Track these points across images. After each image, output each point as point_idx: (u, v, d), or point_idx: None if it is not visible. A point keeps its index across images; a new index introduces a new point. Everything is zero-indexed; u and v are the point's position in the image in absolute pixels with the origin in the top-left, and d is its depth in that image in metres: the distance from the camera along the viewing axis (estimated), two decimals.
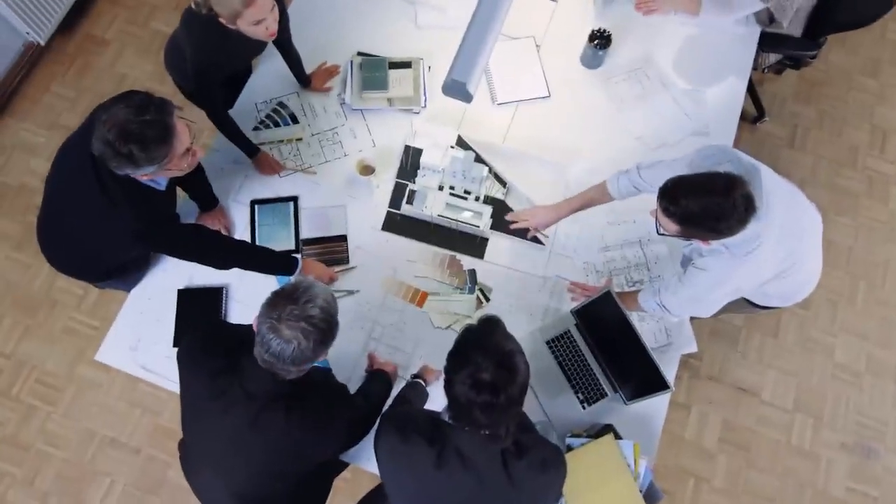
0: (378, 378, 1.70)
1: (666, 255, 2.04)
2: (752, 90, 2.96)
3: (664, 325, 1.96)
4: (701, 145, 1.67)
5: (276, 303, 1.19)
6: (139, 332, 1.91)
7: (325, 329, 1.19)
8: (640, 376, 1.79)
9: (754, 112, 3.05)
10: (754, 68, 2.64)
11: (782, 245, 1.55)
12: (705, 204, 1.35)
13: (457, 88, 1.28)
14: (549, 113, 2.21)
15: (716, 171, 1.41)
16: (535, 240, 2.03)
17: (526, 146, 2.13)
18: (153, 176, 1.40)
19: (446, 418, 1.23)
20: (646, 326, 1.96)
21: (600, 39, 2.18)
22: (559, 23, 2.34)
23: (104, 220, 1.42)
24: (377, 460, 1.29)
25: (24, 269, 2.67)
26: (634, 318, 1.93)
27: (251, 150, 2.04)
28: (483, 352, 1.15)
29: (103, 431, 2.50)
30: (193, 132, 1.43)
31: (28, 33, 2.88)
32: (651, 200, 1.53)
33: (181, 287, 1.94)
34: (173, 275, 1.95)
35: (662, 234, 1.50)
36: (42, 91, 2.99)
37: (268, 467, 1.29)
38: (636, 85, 2.26)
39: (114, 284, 1.90)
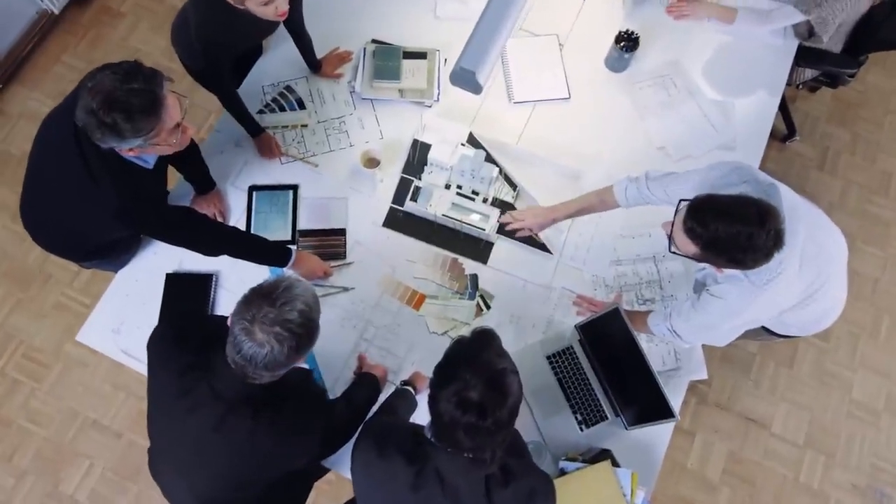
0: (365, 382, 1.61)
1: (681, 274, 1.92)
2: (784, 107, 2.83)
3: (673, 347, 1.84)
4: (718, 160, 1.55)
5: (252, 301, 1.10)
6: (123, 314, 1.83)
7: (303, 335, 1.10)
8: (645, 401, 1.67)
9: (784, 130, 2.91)
10: (788, 83, 2.51)
11: (805, 272, 1.43)
12: (736, 232, 1.24)
13: (465, 78, 1.18)
14: (567, 115, 2.10)
15: (747, 195, 1.29)
16: (543, 248, 1.92)
17: (541, 149, 2.02)
18: (140, 152, 1.31)
19: (429, 435, 1.13)
20: (654, 348, 1.84)
21: (627, 41, 2.06)
22: (585, 22, 2.23)
23: (86, 198, 1.34)
24: (351, 472, 1.19)
25: (20, 240, 2.61)
26: (642, 338, 1.82)
27: (255, 129, 1.95)
28: (473, 368, 1.05)
29: (86, 412, 2.44)
30: (185, 107, 1.34)
31: (42, 1, 2.82)
32: (663, 212, 1.42)
33: (170, 271, 1.86)
34: (163, 258, 1.87)
35: (674, 253, 1.39)
36: (53, 61, 2.94)
37: (233, 473, 1.20)
38: (662, 92, 2.14)
39: (100, 264, 1.83)
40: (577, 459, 1.67)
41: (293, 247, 1.89)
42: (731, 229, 1.24)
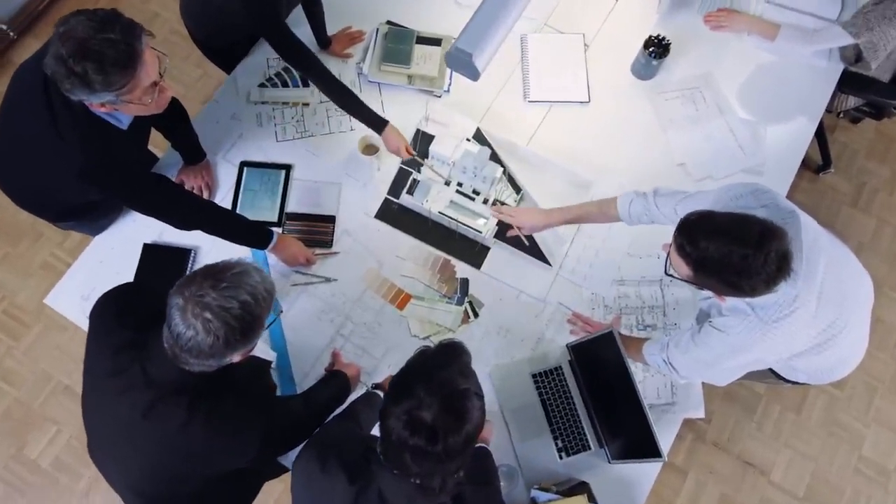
0: (334, 381, 1.50)
1: (688, 301, 1.78)
2: (820, 135, 2.65)
3: (670, 380, 1.70)
4: (738, 182, 1.40)
5: (195, 278, 1.00)
6: (95, 281, 1.75)
7: (237, 329, 0.99)
8: (632, 435, 1.54)
9: (819, 160, 2.73)
10: (828, 111, 2.34)
11: (822, 314, 1.29)
12: (728, 252, 1.11)
13: (462, 60, 1.06)
14: (585, 120, 1.97)
15: (751, 215, 1.16)
16: (542, 258, 1.79)
17: (552, 153, 1.89)
18: (112, 109, 1.22)
19: (379, 451, 1.02)
20: (650, 379, 1.70)
21: (657, 48, 1.92)
22: (615, 23, 2.09)
23: (51, 153, 1.25)
24: (291, 484, 1.08)
25: None
26: (637, 368, 1.69)
27: (377, 122, 1.76)
28: (430, 385, 0.93)
29: (59, 377, 2.37)
30: (165, 67, 1.24)
31: None
32: (668, 233, 1.28)
33: (148, 241, 1.78)
34: (143, 227, 1.78)
35: (671, 276, 1.26)
36: None
37: (163, 465, 1.11)
38: (689, 105, 2.00)
39: (76, 227, 1.75)
40: (551, 490, 1.54)
41: (277, 230, 1.79)
42: (722, 249, 1.11)
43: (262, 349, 1.61)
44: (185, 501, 1.23)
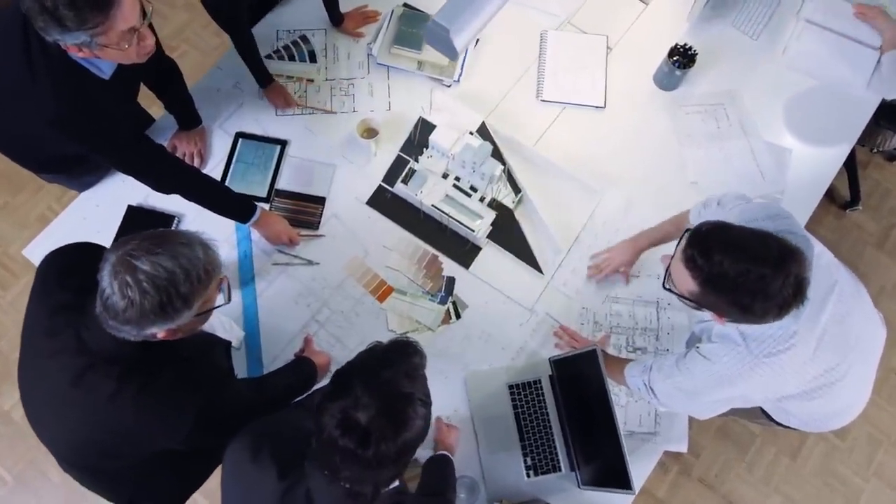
0: (298, 367, 1.44)
1: (684, 328, 1.67)
2: (852, 170, 2.51)
3: (655, 408, 1.60)
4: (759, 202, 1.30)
5: (137, 238, 0.94)
6: (74, 237, 1.62)
7: (157, 302, 0.91)
8: (606, 462, 1.45)
9: (847, 196, 2.59)
10: (861, 143, 2.21)
11: (822, 356, 1.18)
12: (746, 271, 1.00)
13: (438, 35, 0.98)
14: (598, 126, 1.87)
15: (770, 232, 1.06)
16: (535, 265, 1.71)
17: (558, 156, 1.80)
18: (90, 55, 1.16)
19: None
20: (633, 405, 1.61)
21: (681, 57, 1.81)
22: (642, 27, 1.99)
23: (23, 96, 1.20)
24: (222, 469, 1.02)
25: None
26: (621, 392, 1.59)
27: (265, 78, 1.80)
28: (370, 385, 0.86)
29: None
30: (149, 13, 1.18)
31: None
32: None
33: (134, 204, 1.74)
34: (130, 188, 1.73)
35: (668, 290, 1.16)
36: None
37: (90, 439, 1.05)
38: (711, 121, 1.89)
39: (61, 180, 1.72)
40: None
41: (264, 205, 1.74)
42: (739, 266, 1.01)
43: (228, 327, 1.55)
44: (118, 477, 1.18)
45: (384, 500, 0.94)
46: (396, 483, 0.98)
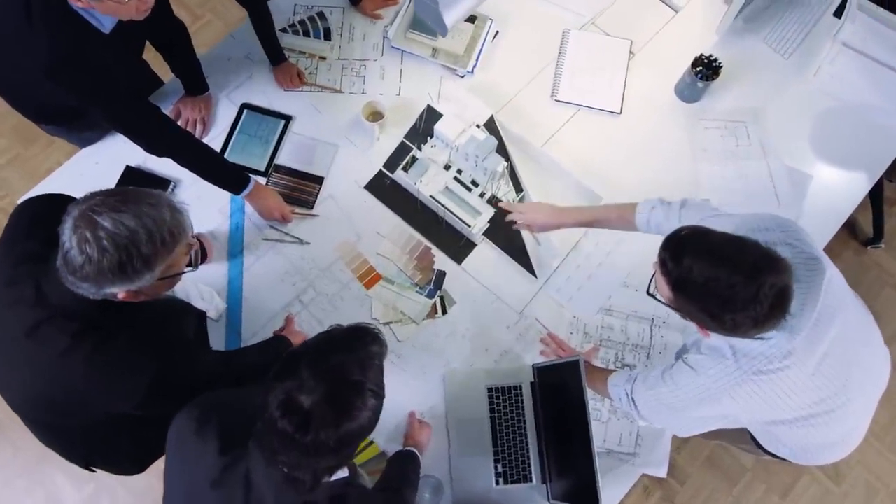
0: (272, 346, 1.41)
1: (678, 347, 1.60)
2: (877, 204, 2.41)
3: (637, 429, 1.54)
4: (770, 213, 1.23)
5: (104, 193, 0.91)
6: (70, 191, 1.68)
7: (116, 261, 0.88)
8: (578, 478, 1.39)
9: (869, 232, 2.49)
10: (889, 179, 2.12)
11: (819, 383, 1.12)
12: (714, 277, 0.95)
13: (428, 8, 0.93)
14: (611, 132, 1.81)
15: (754, 240, 1.00)
16: (529, 268, 1.65)
17: (566, 159, 1.74)
18: (89, 5, 1.14)
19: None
20: (615, 422, 1.55)
21: (706, 68, 1.74)
22: (669, 35, 1.92)
23: (18, 41, 1.19)
24: (167, 440, 0.98)
25: None
26: (605, 406, 1.54)
27: (278, 57, 1.78)
28: (319, 369, 0.82)
29: None
30: None
31: None
32: None
33: (132, 165, 1.72)
34: (131, 149, 1.67)
35: (651, 296, 1.11)
36: None
37: (40, 392, 1.02)
38: (730, 138, 1.81)
39: (61, 133, 1.71)
40: None
41: (261, 179, 1.71)
42: (707, 271, 0.96)
43: (209, 297, 1.53)
44: (72, 435, 1.16)
45: (327, 489, 0.90)
46: (345, 474, 0.94)
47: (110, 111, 1.31)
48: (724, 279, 0.94)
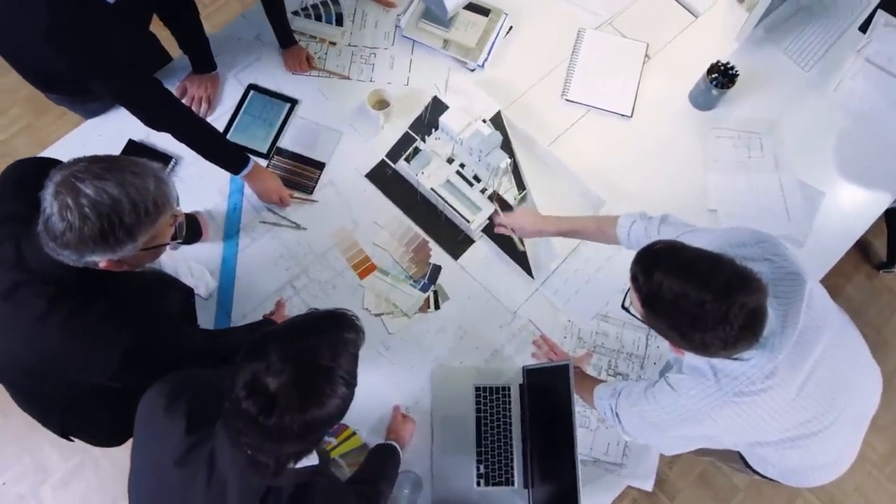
0: (259, 328, 1.39)
1: (672, 360, 1.56)
2: (892, 226, 2.34)
3: (626, 439, 1.50)
4: (747, 227, 1.19)
5: (88, 159, 0.89)
6: None
7: (97, 229, 0.86)
8: (560, 486, 1.35)
9: (883, 257, 2.42)
10: None
11: (803, 404, 1.08)
12: (683, 294, 0.92)
13: None
14: (620, 135, 1.77)
15: (728, 258, 0.96)
16: (526, 268, 1.62)
17: (573, 160, 1.70)
18: None
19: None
20: (602, 431, 1.51)
21: (721, 75, 1.70)
22: (687, 40, 1.88)
23: (22, 4, 1.18)
24: (138, 410, 0.97)
25: None
26: (593, 416, 1.50)
27: (287, 40, 1.76)
28: (287, 351, 0.79)
29: None
30: None
31: None
32: None
33: (135, 139, 1.72)
34: (135, 122, 1.70)
35: (626, 310, 1.08)
36: None
37: (16, 356, 1.01)
38: (743, 149, 1.77)
39: (65, 103, 1.70)
40: None
41: (262, 161, 1.70)
42: (676, 288, 0.92)
43: (199, 275, 1.52)
44: (47, 402, 1.15)
45: (294, 476, 0.87)
46: (314, 462, 0.92)
47: (109, 82, 1.30)
48: (693, 297, 0.91)
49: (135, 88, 1.34)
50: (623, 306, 1.09)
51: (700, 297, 0.91)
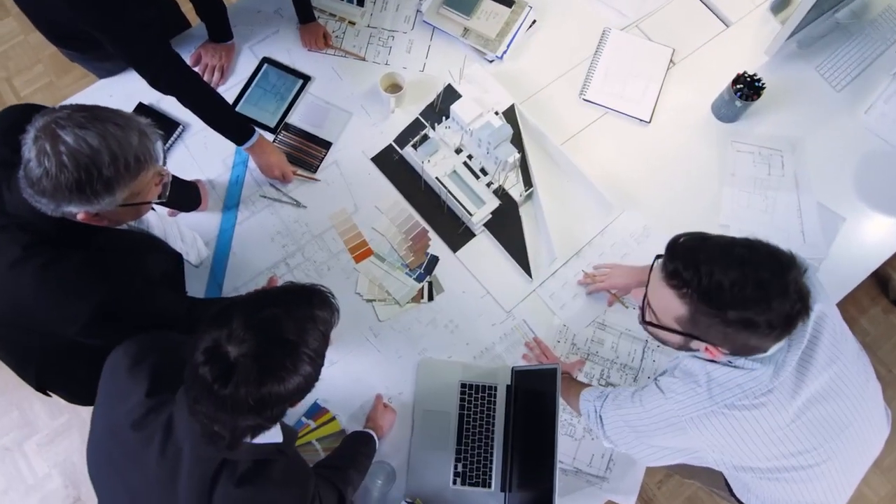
0: None
1: (669, 367, 1.51)
2: None
3: (612, 454, 1.45)
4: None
5: (73, 107, 0.87)
6: None
7: (74, 179, 0.83)
8: (537, 494, 1.31)
9: None
10: None
11: (797, 432, 1.02)
12: (742, 277, 0.88)
13: None
14: (636, 141, 1.72)
15: (757, 239, 0.93)
16: (526, 267, 1.58)
17: (584, 162, 1.65)
18: None
19: None
20: (587, 442, 1.46)
21: (747, 87, 1.64)
22: (715, 49, 1.81)
23: None
24: (103, 368, 0.95)
25: None
26: (580, 424, 1.46)
27: (307, 15, 1.74)
28: (252, 321, 0.76)
29: None
30: None
31: None
32: None
33: (145, 102, 1.71)
34: (146, 87, 1.70)
35: (648, 324, 1.02)
36: None
37: None
38: (762, 165, 1.70)
39: (77, 59, 1.69)
40: None
41: (269, 135, 1.68)
42: (732, 273, 0.88)
43: (191, 241, 1.50)
44: (22, 351, 1.14)
45: (253, 451, 0.84)
46: (277, 439, 0.89)
47: (119, 38, 1.29)
48: (752, 277, 0.87)
49: (141, 46, 1.32)
50: (644, 321, 1.03)
51: (757, 275, 0.87)
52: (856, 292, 1.62)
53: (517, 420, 1.44)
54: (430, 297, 1.56)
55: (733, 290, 0.87)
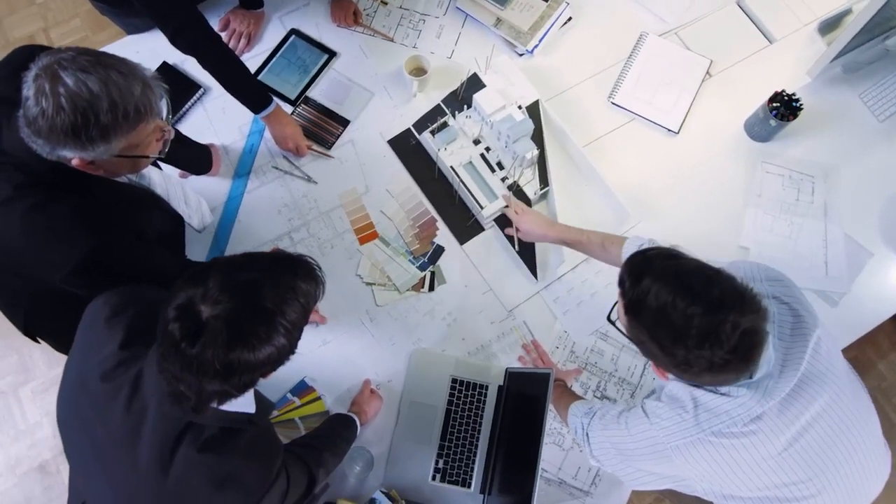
0: None
1: (658, 389, 1.45)
2: None
3: (598, 470, 1.40)
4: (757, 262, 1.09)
5: (78, 50, 0.86)
6: None
7: (70, 122, 0.81)
8: (516, 500, 1.27)
9: None
10: None
11: (789, 463, 0.97)
12: (670, 302, 0.83)
13: None
14: (662, 151, 1.66)
15: (729, 275, 0.87)
16: (532, 268, 1.53)
17: (605, 167, 1.60)
18: None
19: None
20: (574, 454, 1.42)
21: (783, 107, 1.57)
22: (756, 64, 1.75)
23: None
24: (82, 317, 0.93)
25: None
26: (569, 435, 1.41)
27: None
28: (229, 282, 0.73)
29: None
30: None
31: None
32: None
33: (169, 62, 1.70)
34: (171, 47, 1.70)
35: (612, 322, 1.01)
36: None
37: None
38: (792, 190, 1.63)
39: (108, 13, 1.69)
40: (399, 503, 1.31)
41: (287, 106, 1.66)
42: (664, 295, 0.84)
43: (195, 205, 1.48)
44: (12, 295, 1.13)
45: (222, 419, 0.82)
46: (250, 410, 0.86)
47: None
48: (681, 307, 0.82)
49: (174, 13, 1.31)
50: (609, 318, 1.00)
51: (688, 308, 0.81)
52: (875, 335, 1.55)
53: (505, 422, 1.40)
54: (431, 288, 1.53)
55: (661, 311, 0.84)
